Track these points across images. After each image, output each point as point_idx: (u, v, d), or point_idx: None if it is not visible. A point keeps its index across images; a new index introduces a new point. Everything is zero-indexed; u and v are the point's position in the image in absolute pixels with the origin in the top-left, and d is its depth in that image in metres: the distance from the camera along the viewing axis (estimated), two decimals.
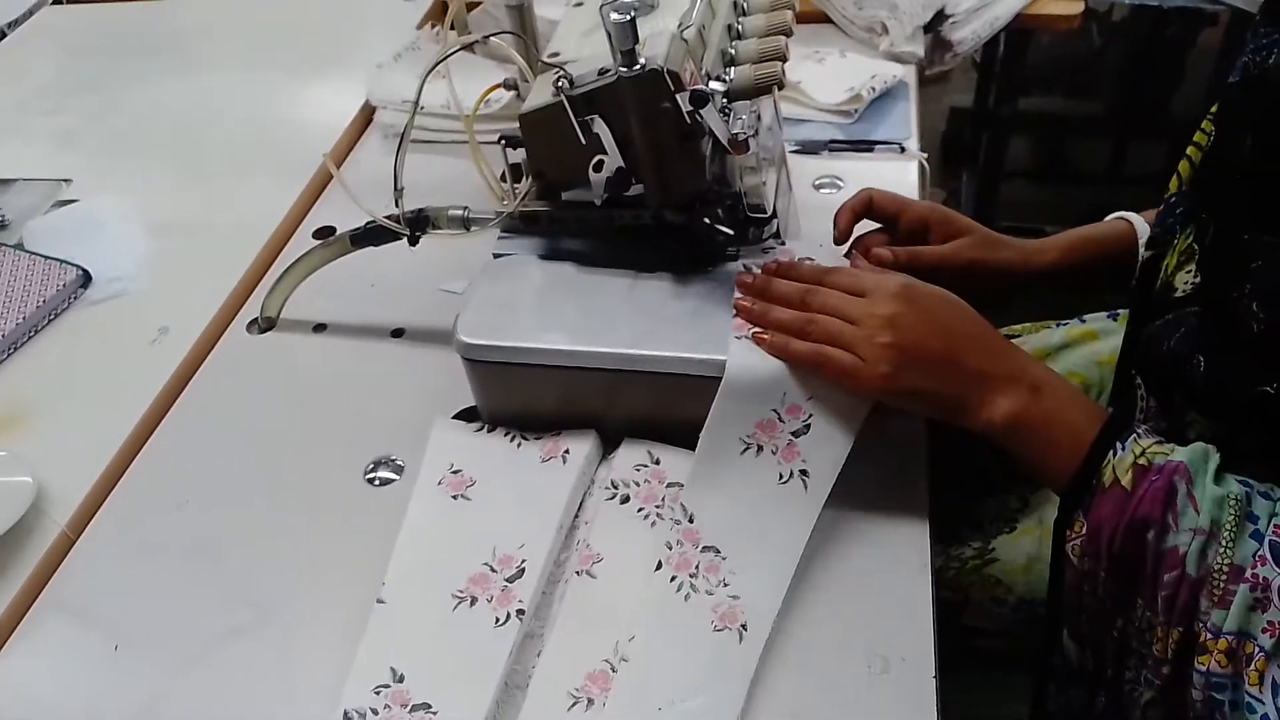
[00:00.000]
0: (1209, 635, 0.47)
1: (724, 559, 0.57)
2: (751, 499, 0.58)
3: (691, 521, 0.59)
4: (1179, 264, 0.58)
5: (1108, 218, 0.75)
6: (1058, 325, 0.87)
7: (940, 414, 0.58)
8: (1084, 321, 0.86)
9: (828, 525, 0.60)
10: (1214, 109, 0.58)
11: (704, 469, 0.59)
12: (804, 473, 0.58)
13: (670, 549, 0.58)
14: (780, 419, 0.58)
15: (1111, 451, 0.51)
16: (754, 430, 0.59)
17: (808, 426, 0.58)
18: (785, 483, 0.58)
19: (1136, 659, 0.52)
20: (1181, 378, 0.57)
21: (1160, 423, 0.59)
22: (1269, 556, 0.47)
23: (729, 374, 0.58)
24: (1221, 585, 0.47)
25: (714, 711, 0.52)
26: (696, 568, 0.57)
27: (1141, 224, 0.72)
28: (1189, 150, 0.61)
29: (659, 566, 0.58)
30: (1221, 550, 0.47)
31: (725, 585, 0.56)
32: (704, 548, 0.58)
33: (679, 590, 0.57)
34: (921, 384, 0.56)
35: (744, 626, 0.55)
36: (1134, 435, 0.52)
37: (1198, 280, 0.56)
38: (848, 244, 0.70)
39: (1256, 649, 0.46)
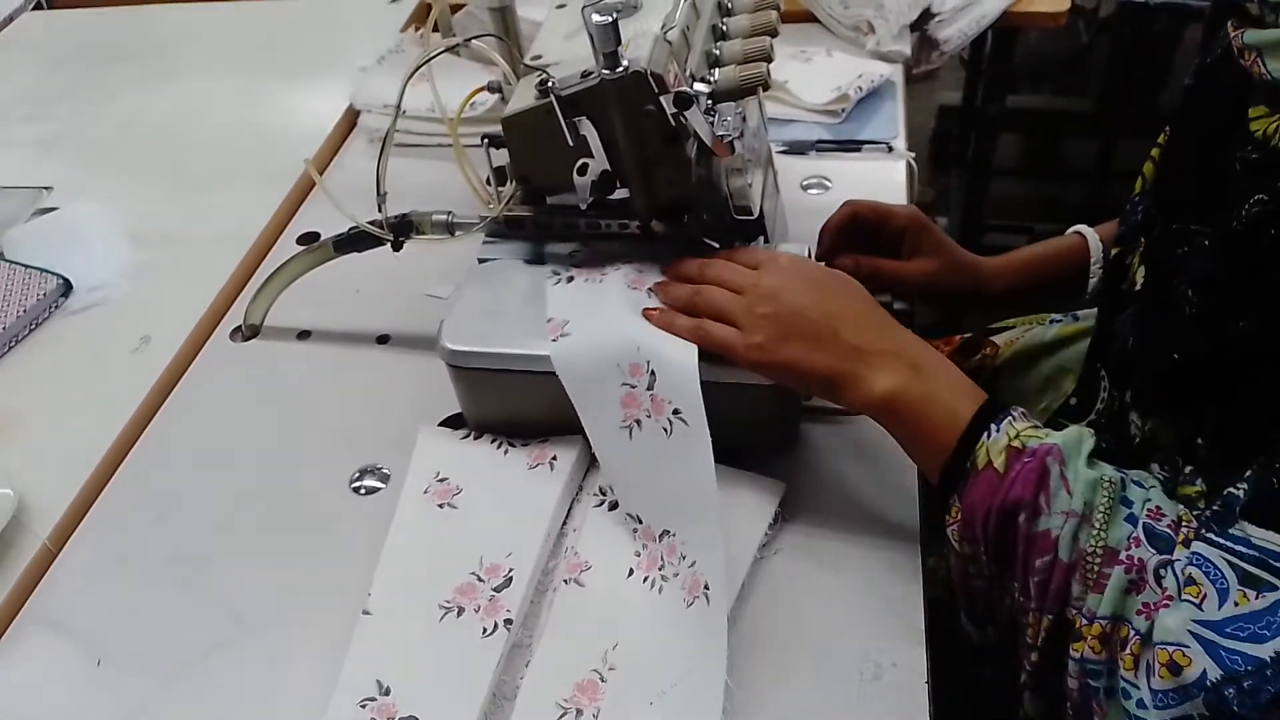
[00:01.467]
0: (1083, 621, 0.46)
1: (674, 535, 0.57)
2: (660, 468, 0.57)
3: (641, 522, 0.59)
4: (1139, 262, 0.58)
5: (1068, 231, 0.77)
6: (1051, 321, 0.87)
7: (819, 390, 0.57)
8: (1077, 318, 0.86)
9: (817, 530, 0.60)
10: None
11: (618, 470, 0.59)
12: (675, 411, 0.56)
13: (639, 556, 0.58)
14: (631, 385, 0.58)
15: (985, 434, 0.50)
16: (622, 411, 0.58)
17: (653, 372, 0.57)
18: (671, 434, 0.57)
19: (1022, 638, 0.52)
20: (1129, 369, 0.57)
21: (1124, 419, 0.59)
22: (1143, 539, 0.46)
23: (563, 375, 0.58)
24: (1095, 569, 0.46)
25: (701, 682, 0.52)
26: (661, 559, 0.57)
27: (1094, 239, 0.74)
28: (1153, 151, 0.62)
29: (631, 573, 0.57)
30: (1095, 533, 0.46)
31: (684, 559, 0.56)
32: (659, 535, 0.58)
33: (653, 587, 0.56)
34: (798, 357, 0.55)
35: (705, 587, 0.54)
36: (1009, 418, 0.51)
37: (1140, 273, 0.57)
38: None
39: (1131, 632, 0.45)
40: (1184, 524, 0.47)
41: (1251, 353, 0.47)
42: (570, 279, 0.64)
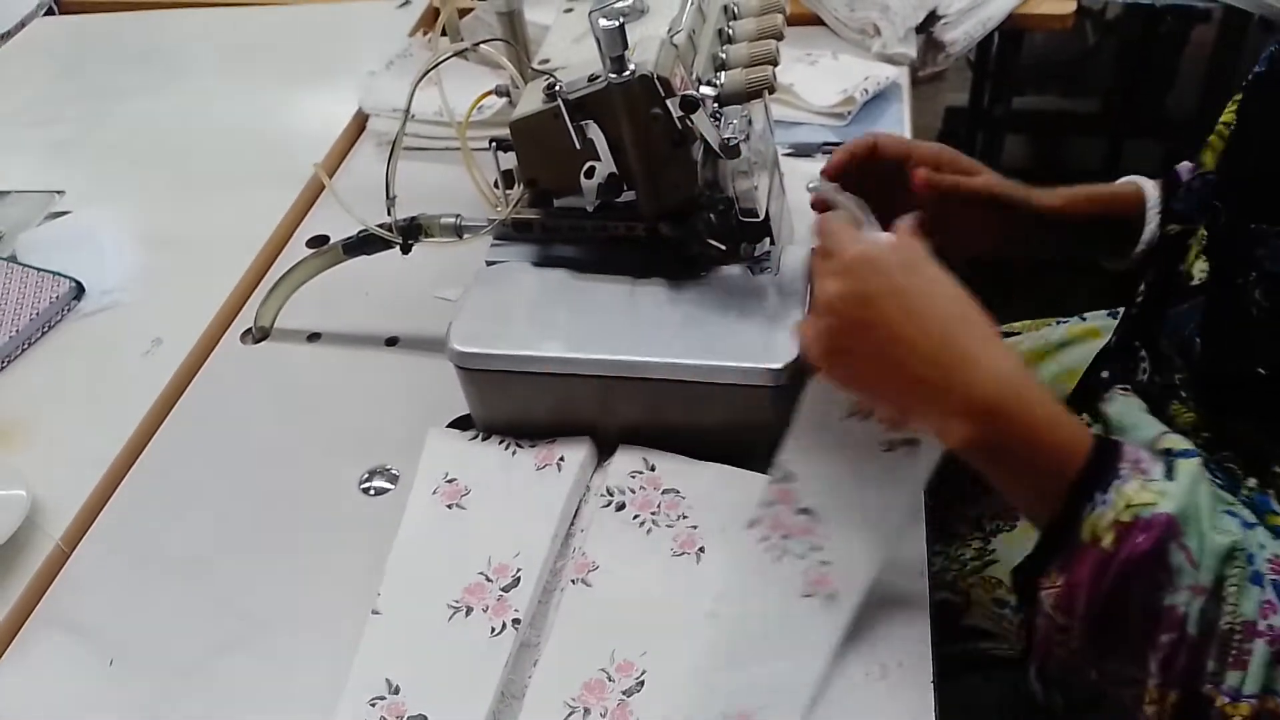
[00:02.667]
0: (1225, 699, 0.43)
1: (819, 522, 0.54)
2: (852, 463, 0.54)
3: (787, 481, 0.55)
4: (1198, 252, 0.57)
5: (1120, 180, 0.73)
6: (1058, 323, 0.87)
7: (899, 419, 0.52)
8: (1084, 319, 0.86)
9: None
10: (1238, 98, 0.58)
11: (805, 430, 0.55)
12: (909, 441, 0.53)
13: (767, 507, 0.55)
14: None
15: (1089, 505, 0.45)
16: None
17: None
18: (889, 451, 0.54)
19: (1118, 712, 0.48)
20: (1186, 363, 0.56)
21: (1157, 396, 0.58)
22: (1275, 600, 0.43)
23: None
24: (1235, 644, 0.43)
25: (790, 680, 0.51)
26: (789, 530, 0.55)
27: (1152, 189, 0.70)
28: (1220, 123, 0.59)
29: (753, 524, 0.56)
30: (1229, 608, 0.43)
31: (817, 550, 0.54)
32: (800, 509, 0.55)
33: (768, 551, 0.55)
34: (855, 378, 0.51)
35: (831, 595, 0.53)
36: (1116, 480, 0.45)
37: (1202, 267, 0.55)
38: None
39: None
40: None
41: None
42: None
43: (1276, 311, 0.48)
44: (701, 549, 0.59)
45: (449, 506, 0.62)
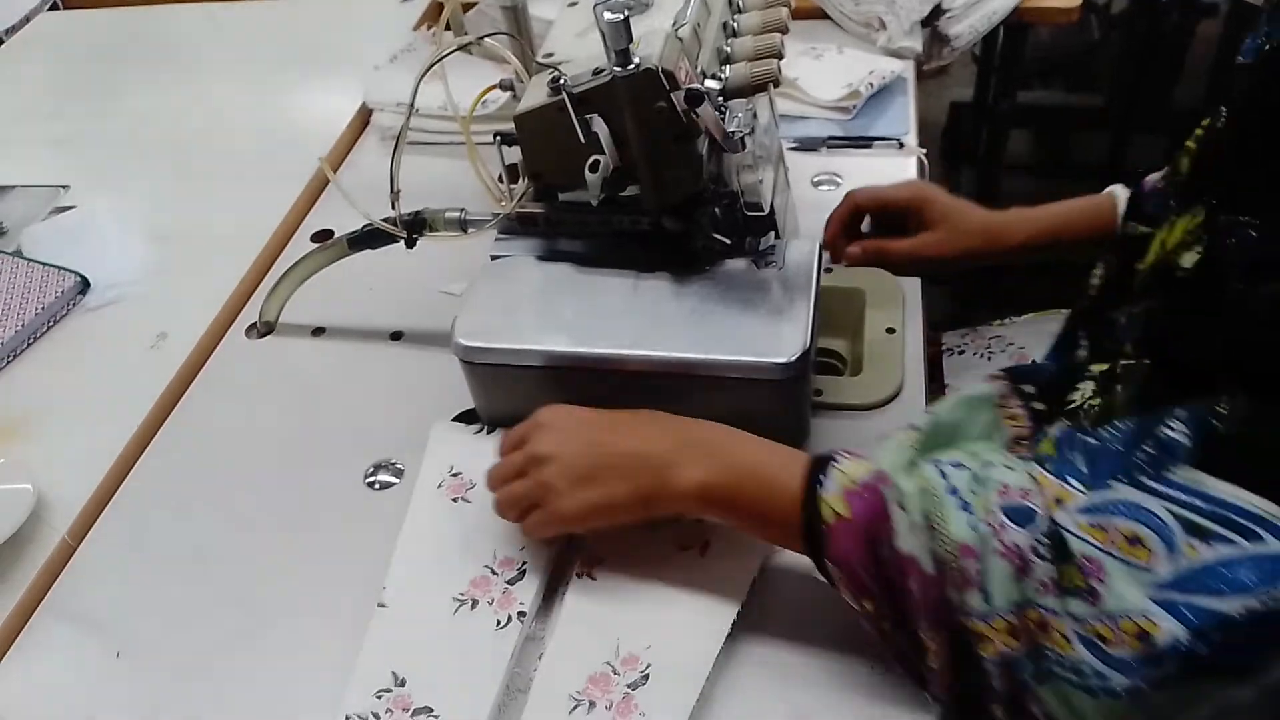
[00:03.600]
0: (978, 621, 0.45)
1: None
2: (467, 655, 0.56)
3: (403, 686, 0.55)
4: (1184, 243, 0.57)
5: (1104, 191, 0.75)
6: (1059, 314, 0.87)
7: (641, 512, 0.55)
8: None
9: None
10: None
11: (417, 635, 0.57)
12: (520, 615, 0.57)
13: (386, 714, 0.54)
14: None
15: (818, 488, 0.50)
16: (467, 586, 0.58)
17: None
18: (503, 627, 0.56)
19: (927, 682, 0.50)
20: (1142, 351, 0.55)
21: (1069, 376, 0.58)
22: (1006, 521, 0.45)
23: None
24: (958, 567, 0.45)
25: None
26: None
27: (1123, 196, 0.72)
28: (1197, 133, 0.60)
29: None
30: (940, 535, 0.45)
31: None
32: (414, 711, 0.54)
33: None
34: (606, 491, 0.55)
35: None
36: (833, 463, 0.51)
37: (1174, 260, 0.55)
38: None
39: (1045, 612, 0.43)
40: (1041, 486, 0.46)
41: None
42: None
43: (1248, 297, 0.47)
44: (706, 543, 0.59)
45: (454, 500, 0.62)
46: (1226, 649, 0.40)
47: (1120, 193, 0.73)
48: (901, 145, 0.92)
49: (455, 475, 0.64)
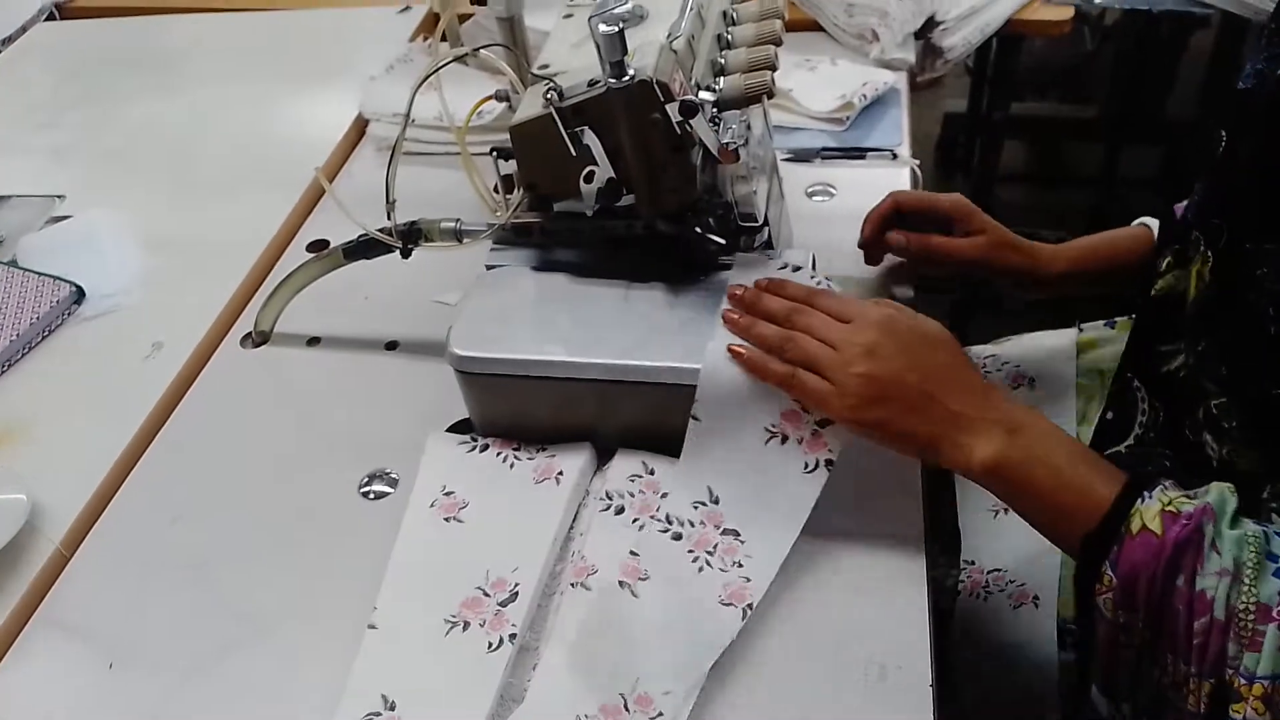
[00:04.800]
0: (1242, 681, 0.46)
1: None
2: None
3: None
4: (1199, 274, 0.57)
5: (1134, 223, 0.75)
6: (1057, 334, 0.87)
7: (911, 452, 0.57)
8: (1082, 330, 0.86)
9: (823, 533, 0.60)
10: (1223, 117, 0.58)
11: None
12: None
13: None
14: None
15: (1140, 499, 0.50)
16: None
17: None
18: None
19: (1175, 712, 0.50)
20: (1199, 396, 0.56)
21: (1165, 433, 0.59)
22: None
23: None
24: (1249, 626, 0.46)
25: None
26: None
27: (1157, 226, 0.72)
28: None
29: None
30: (1246, 589, 0.46)
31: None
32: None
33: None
34: (892, 419, 0.55)
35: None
36: (1161, 487, 0.50)
37: (1210, 288, 0.56)
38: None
39: None
40: None
41: None
42: None
43: None
44: (708, 557, 0.59)
45: (446, 519, 0.62)
46: None
47: (1152, 223, 0.74)
48: (895, 156, 0.93)
49: (448, 494, 0.63)
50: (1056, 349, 0.85)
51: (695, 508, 0.60)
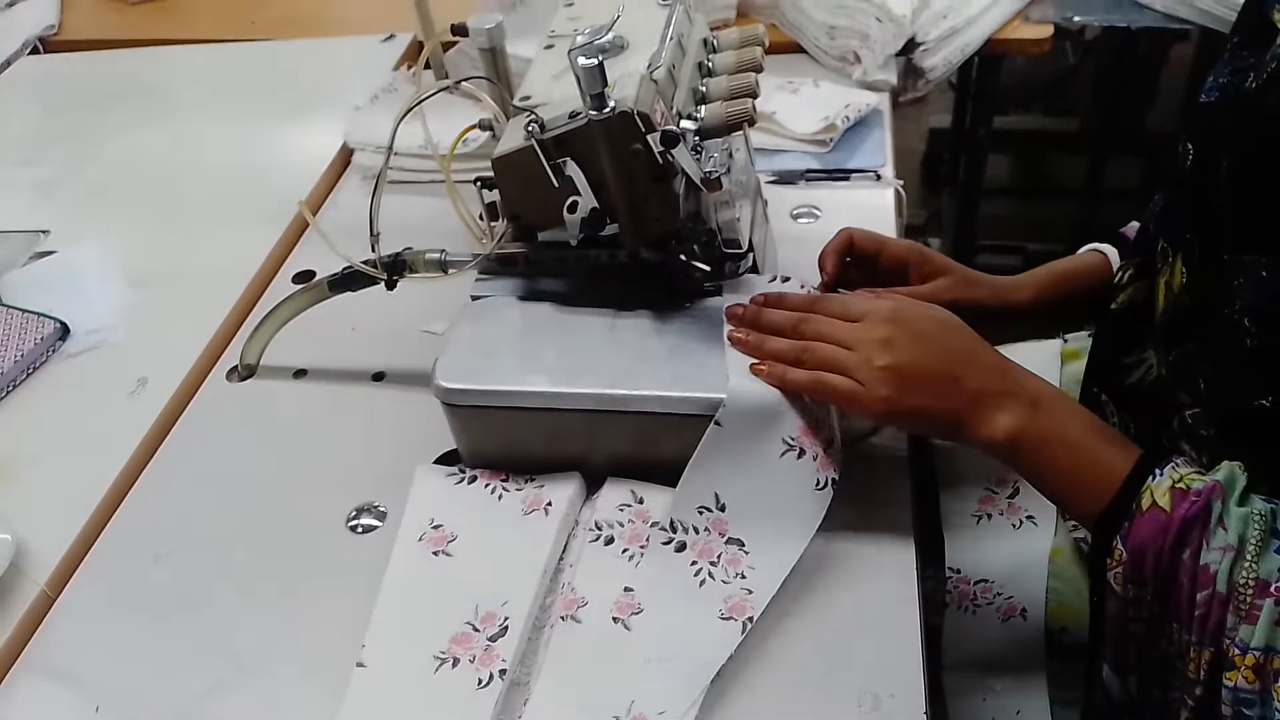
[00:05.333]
0: (1236, 651, 0.47)
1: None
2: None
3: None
4: (1188, 284, 0.58)
5: (1081, 250, 0.76)
6: (1039, 345, 0.87)
7: (941, 433, 0.59)
8: (1066, 340, 0.86)
9: (812, 560, 0.60)
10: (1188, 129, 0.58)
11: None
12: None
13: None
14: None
15: (1151, 477, 0.51)
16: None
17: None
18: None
19: (1181, 680, 0.52)
20: (1172, 406, 0.56)
21: (1139, 444, 0.59)
22: None
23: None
24: (1248, 600, 0.47)
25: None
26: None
27: (1114, 255, 0.73)
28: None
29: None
30: (1247, 565, 0.47)
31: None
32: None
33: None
34: (923, 404, 0.56)
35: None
36: (1173, 464, 0.51)
37: (1186, 301, 0.56)
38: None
39: None
40: None
41: None
42: None
43: (1268, 342, 0.49)
44: (710, 562, 0.59)
45: (435, 553, 0.62)
46: None
47: (1109, 250, 0.74)
48: (879, 177, 0.93)
49: (436, 527, 0.63)
50: (1040, 359, 0.85)
51: (700, 513, 0.60)
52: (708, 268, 0.66)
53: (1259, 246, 0.49)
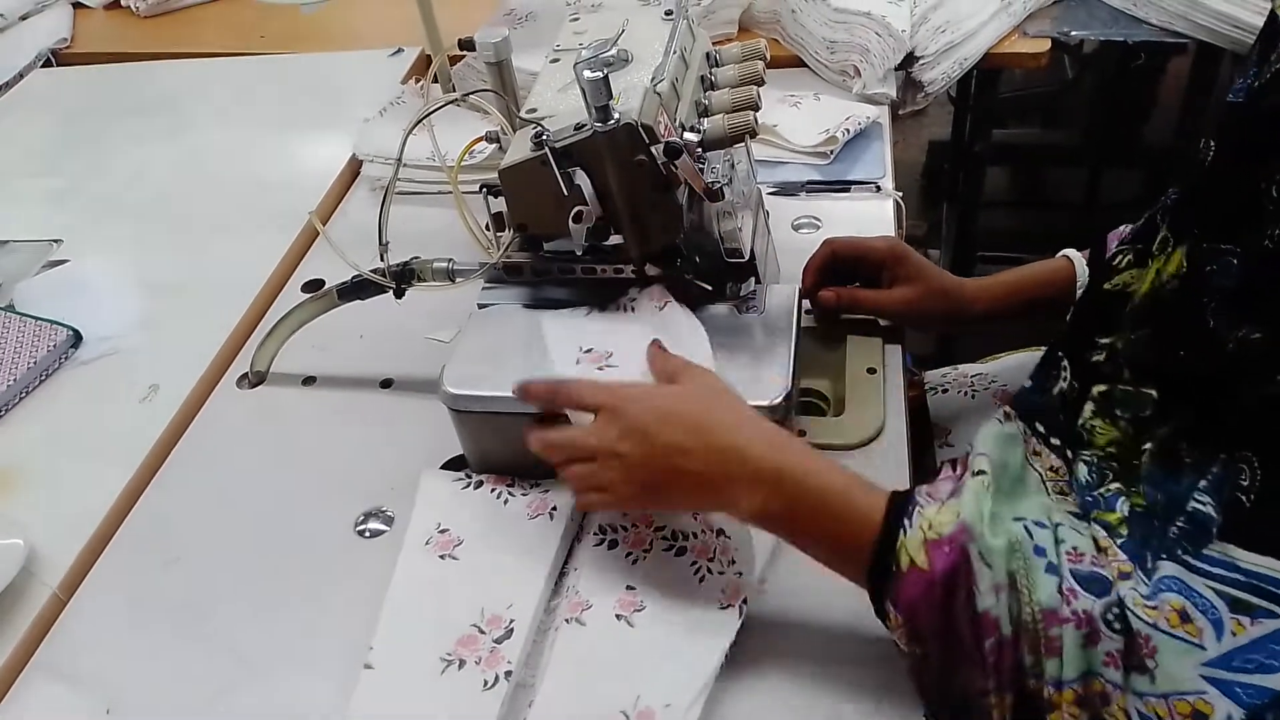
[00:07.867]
0: (1051, 689, 0.45)
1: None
2: None
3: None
4: (1178, 273, 0.58)
5: (1058, 254, 0.77)
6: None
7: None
8: None
9: (812, 560, 0.60)
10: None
11: None
12: None
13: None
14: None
15: (901, 531, 0.49)
16: None
17: None
18: None
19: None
20: (1112, 379, 0.56)
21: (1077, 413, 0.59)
22: (1077, 588, 0.45)
23: None
24: (1041, 633, 0.45)
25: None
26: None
27: (1082, 264, 0.75)
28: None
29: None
30: (1026, 598, 0.45)
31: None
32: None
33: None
34: (671, 499, 0.58)
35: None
36: (917, 508, 0.50)
37: (1174, 286, 0.56)
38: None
39: (1108, 685, 0.44)
40: (1108, 556, 0.47)
41: (1250, 368, 0.46)
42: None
43: (1228, 325, 0.49)
44: (707, 559, 0.60)
45: (441, 557, 0.63)
46: None
47: (1074, 255, 0.76)
48: (879, 188, 0.94)
49: (443, 532, 0.64)
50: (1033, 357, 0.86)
51: (695, 516, 0.62)
52: (710, 287, 0.67)
53: (1234, 237, 0.50)
